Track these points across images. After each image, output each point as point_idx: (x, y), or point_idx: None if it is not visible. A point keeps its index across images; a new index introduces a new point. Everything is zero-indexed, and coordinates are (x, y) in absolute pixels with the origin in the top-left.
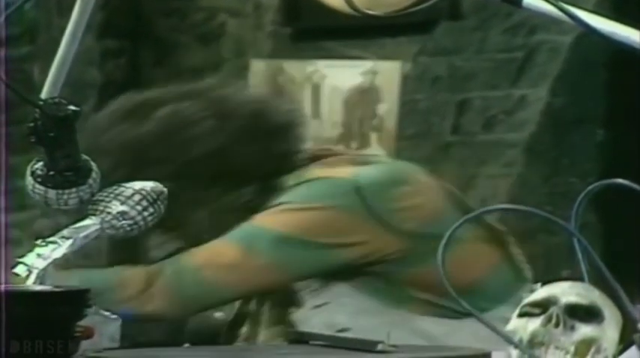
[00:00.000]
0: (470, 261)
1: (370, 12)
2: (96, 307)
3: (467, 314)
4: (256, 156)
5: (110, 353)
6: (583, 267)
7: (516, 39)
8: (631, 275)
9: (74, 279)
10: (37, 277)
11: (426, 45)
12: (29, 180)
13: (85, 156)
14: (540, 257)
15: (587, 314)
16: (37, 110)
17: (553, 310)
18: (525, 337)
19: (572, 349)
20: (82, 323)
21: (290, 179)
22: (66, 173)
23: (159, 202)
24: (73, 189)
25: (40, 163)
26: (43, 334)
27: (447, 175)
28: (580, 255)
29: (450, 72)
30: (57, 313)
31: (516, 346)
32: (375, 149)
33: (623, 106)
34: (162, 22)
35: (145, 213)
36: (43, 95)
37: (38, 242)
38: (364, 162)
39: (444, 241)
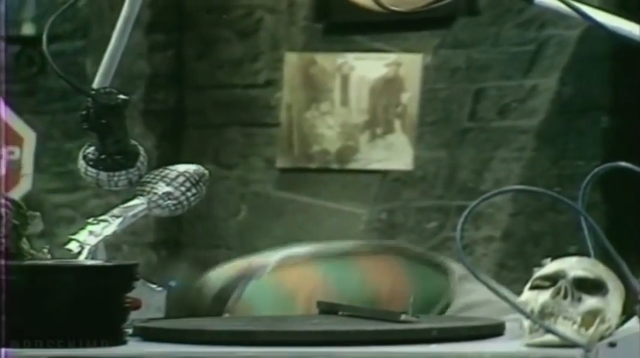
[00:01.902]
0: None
1: (395, 8)
2: (143, 280)
3: None
4: None
5: (156, 322)
6: (589, 244)
7: (528, 33)
8: (633, 250)
9: None
10: (89, 252)
11: (445, 39)
12: (82, 163)
13: (133, 141)
14: (549, 234)
15: (592, 287)
16: (90, 99)
17: (562, 283)
18: (536, 308)
19: (578, 319)
20: (130, 295)
21: None
22: (116, 156)
23: (201, 183)
24: (123, 172)
25: (92, 148)
26: (95, 305)
27: (465, 158)
28: (586, 232)
29: (468, 63)
30: (108, 285)
31: (528, 316)
32: (399, 134)
33: (626, 96)
34: (204, 18)
35: (189, 194)
36: (95, 85)
37: (90, 220)
38: None
39: (462, 218)
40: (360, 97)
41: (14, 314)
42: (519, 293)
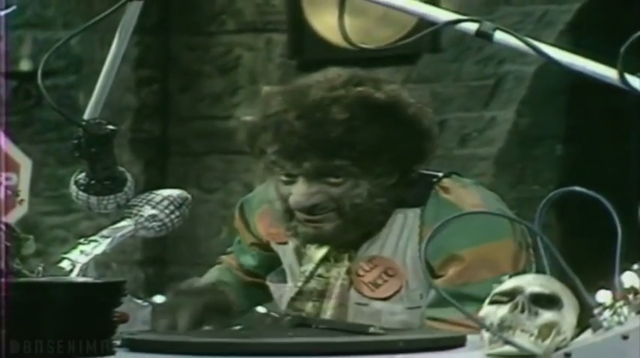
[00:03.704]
0: None
1: (364, 45)
2: (130, 295)
3: None
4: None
5: (143, 335)
6: (545, 262)
7: (487, 69)
8: (586, 268)
9: None
10: (80, 270)
11: (410, 74)
12: (73, 188)
13: (121, 168)
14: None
15: (548, 301)
16: (81, 129)
17: (519, 298)
18: (495, 321)
19: (535, 331)
20: (119, 309)
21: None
22: (105, 182)
23: (184, 206)
24: (112, 196)
25: (83, 174)
26: (85, 319)
27: None
28: (542, 251)
29: (432, 97)
30: (97, 301)
31: (487, 329)
32: None
33: (579, 126)
34: (187, 55)
35: (173, 216)
36: (86, 116)
37: (81, 240)
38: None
39: (427, 238)
40: None
41: (9, 327)
42: None
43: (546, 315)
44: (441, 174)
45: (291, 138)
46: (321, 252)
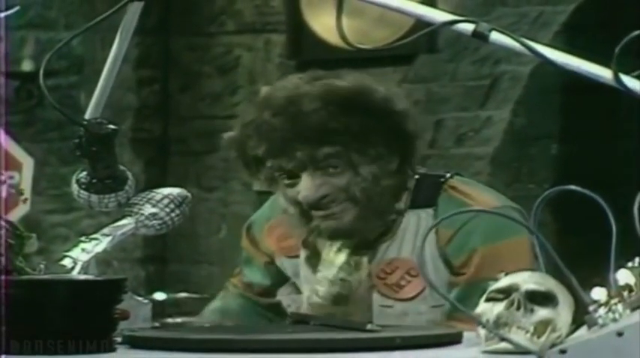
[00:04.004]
0: None
1: (361, 46)
2: (131, 293)
3: None
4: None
5: (143, 332)
6: (540, 259)
7: (483, 69)
8: (580, 265)
9: None
10: (82, 268)
11: (407, 74)
12: (75, 187)
13: (122, 167)
14: None
15: (544, 299)
16: (83, 129)
17: (515, 296)
18: (492, 318)
19: (531, 328)
20: (120, 306)
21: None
22: (106, 181)
23: (184, 205)
24: (112, 194)
25: (85, 173)
26: (86, 316)
27: None
28: (538, 249)
29: (428, 97)
30: (98, 298)
31: (484, 326)
32: None
33: (574, 125)
34: (187, 55)
35: (173, 214)
36: (87, 116)
37: (82, 238)
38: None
39: (425, 235)
40: None
41: (12, 324)
42: None
43: (542, 312)
44: (448, 175)
45: (274, 134)
46: (341, 256)
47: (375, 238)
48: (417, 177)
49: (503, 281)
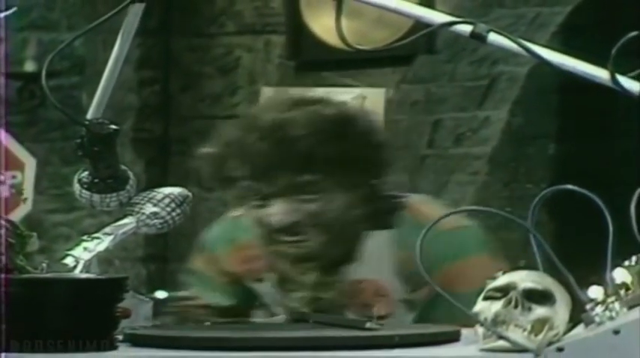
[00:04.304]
0: None
1: (360, 47)
2: (132, 291)
3: None
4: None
5: (144, 330)
6: (538, 258)
7: (481, 69)
8: (577, 264)
9: None
10: (84, 267)
11: (406, 74)
12: (77, 186)
13: (123, 167)
14: (501, 250)
15: (541, 297)
16: (84, 129)
17: (513, 294)
18: (490, 316)
19: (528, 327)
20: (121, 305)
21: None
22: (108, 180)
23: (185, 204)
24: (114, 194)
25: (86, 172)
26: (89, 314)
27: (424, 182)
28: (535, 248)
29: (427, 97)
30: (100, 296)
31: (482, 324)
32: None
33: (571, 125)
34: (188, 56)
35: (174, 213)
36: (89, 116)
37: (84, 237)
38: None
39: (423, 233)
40: None
41: (14, 322)
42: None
43: (539, 311)
44: (403, 196)
45: (259, 159)
46: (311, 276)
47: (343, 260)
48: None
49: (501, 280)
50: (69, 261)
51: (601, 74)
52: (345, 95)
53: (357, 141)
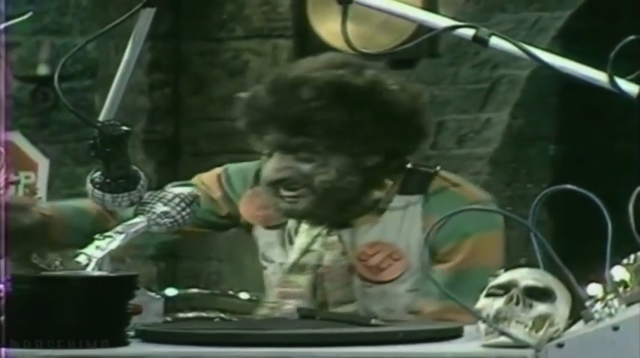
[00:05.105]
0: None
1: (365, 50)
2: (143, 289)
3: None
4: (382, 131)
5: (155, 326)
6: (538, 256)
7: (483, 73)
8: (577, 262)
9: None
10: (96, 264)
11: (410, 77)
12: (89, 186)
13: (134, 167)
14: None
15: (542, 294)
16: (97, 130)
17: (514, 291)
18: (491, 313)
19: (530, 323)
20: (132, 301)
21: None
22: (119, 180)
23: (194, 204)
24: (125, 194)
25: (98, 173)
26: (101, 311)
27: None
28: (536, 246)
29: (430, 99)
30: (112, 294)
31: (484, 321)
32: None
33: (570, 127)
34: (198, 59)
35: (184, 213)
36: (101, 118)
37: (97, 236)
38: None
39: (428, 231)
40: None
41: (29, 318)
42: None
43: (540, 307)
44: (438, 168)
45: (256, 112)
46: (315, 230)
47: (348, 220)
48: (409, 167)
49: (503, 277)
50: (81, 259)
51: (600, 77)
52: None
53: (374, 113)
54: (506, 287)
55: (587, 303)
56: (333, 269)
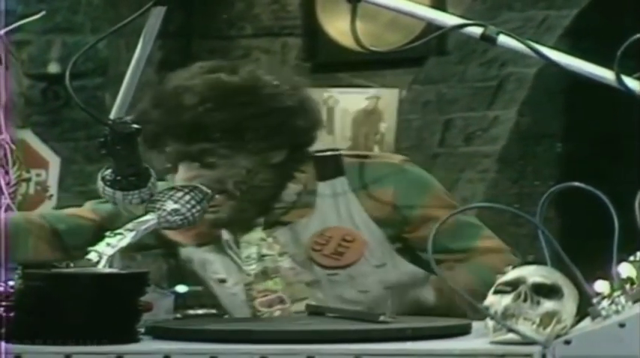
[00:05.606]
0: None
1: (374, 49)
2: (154, 286)
3: None
4: (273, 125)
5: (165, 323)
6: (546, 253)
7: (491, 71)
8: (584, 259)
9: None
10: (107, 262)
11: (418, 75)
12: (100, 183)
13: (145, 165)
14: (510, 245)
15: (549, 291)
16: (108, 128)
17: (522, 288)
18: (499, 310)
19: (537, 320)
20: (143, 298)
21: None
22: (130, 178)
23: (204, 201)
24: (136, 191)
25: (109, 170)
26: (112, 307)
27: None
28: (544, 243)
29: (438, 97)
30: (123, 290)
31: (492, 317)
32: None
33: (577, 124)
34: (208, 57)
35: (194, 210)
36: (112, 116)
37: (107, 233)
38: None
39: (433, 232)
40: (344, 127)
41: (40, 315)
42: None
43: (547, 304)
44: (340, 149)
45: (148, 126)
46: (255, 234)
47: (278, 218)
48: (314, 156)
49: (511, 274)
50: (92, 256)
51: (607, 75)
52: (360, 95)
53: (260, 107)
54: (514, 284)
55: (594, 300)
56: (286, 265)
